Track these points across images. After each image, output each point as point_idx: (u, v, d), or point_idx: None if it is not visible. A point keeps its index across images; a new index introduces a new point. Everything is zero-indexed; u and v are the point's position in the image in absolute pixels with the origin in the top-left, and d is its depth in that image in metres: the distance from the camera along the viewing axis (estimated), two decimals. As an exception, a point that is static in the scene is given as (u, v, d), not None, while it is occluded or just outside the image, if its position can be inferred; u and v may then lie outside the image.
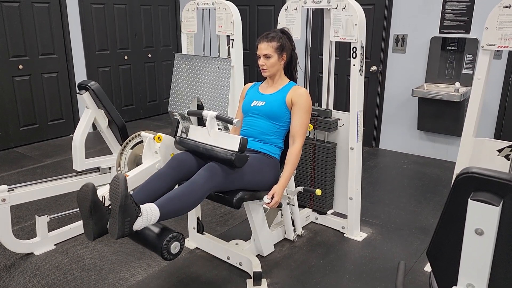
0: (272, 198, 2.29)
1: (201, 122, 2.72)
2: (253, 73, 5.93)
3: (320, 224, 3.19)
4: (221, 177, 2.10)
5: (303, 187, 2.66)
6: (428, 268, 2.64)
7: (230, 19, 2.83)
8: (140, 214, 1.81)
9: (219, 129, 2.62)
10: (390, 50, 4.69)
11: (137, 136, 2.81)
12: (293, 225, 2.96)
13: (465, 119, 2.31)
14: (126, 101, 6.07)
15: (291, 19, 2.86)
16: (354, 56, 2.68)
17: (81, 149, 3.04)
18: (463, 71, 4.26)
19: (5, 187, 2.60)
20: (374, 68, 4.81)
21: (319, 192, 2.55)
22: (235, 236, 3.00)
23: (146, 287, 2.47)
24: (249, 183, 2.26)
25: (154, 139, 2.62)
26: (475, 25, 4.13)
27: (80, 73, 5.44)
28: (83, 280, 2.53)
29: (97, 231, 1.85)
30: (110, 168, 3.23)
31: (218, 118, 2.27)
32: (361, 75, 2.74)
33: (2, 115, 4.80)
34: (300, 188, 2.65)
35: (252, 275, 2.44)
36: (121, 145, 2.89)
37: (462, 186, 1.13)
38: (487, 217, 1.09)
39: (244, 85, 2.71)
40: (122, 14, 5.77)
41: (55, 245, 2.89)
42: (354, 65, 2.70)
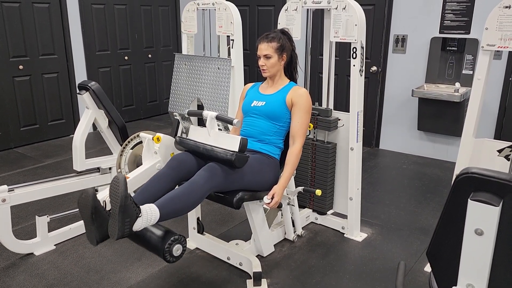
0: (272, 198, 2.29)
1: (201, 123, 2.72)
2: (253, 73, 5.93)
3: (320, 224, 3.19)
4: (221, 177, 2.10)
5: (303, 187, 2.66)
6: (428, 268, 2.64)
7: (230, 20, 2.84)
8: (140, 215, 1.81)
9: (219, 129, 2.62)
10: (390, 50, 4.69)
11: (136, 137, 2.81)
12: (293, 225, 2.96)
13: (465, 119, 2.31)
14: (126, 101, 6.07)
15: (291, 19, 2.86)
16: (354, 56, 2.68)
17: (81, 149, 3.05)
18: (463, 71, 4.26)
19: (5, 187, 2.60)
20: (374, 68, 4.81)
21: (319, 192, 2.55)
22: (235, 236, 3.00)
23: (146, 287, 2.47)
24: (249, 183, 2.26)
25: (153, 139, 2.61)
26: (475, 26, 4.13)
27: (80, 74, 5.45)
28: (83, 280, 2.53)
29: (100, 235, 1.86)
30: (110, 169, 3.23)
31: (218, 118, 2.27)
32: (361, 75, 2.74)
33: (3, 115, 4.81)
34: (300, 188, 2.66)
35: (252, 275, 2.44)
36: (121, 145, 2.89)
37: (462, 186, 1.13)
38: (487, 217, 1.09)
39: (244, 85, 2.72)
40: (123, 14, 5.78)
41: (55, 245, 2.89)
42: (354, 65, 2.70)
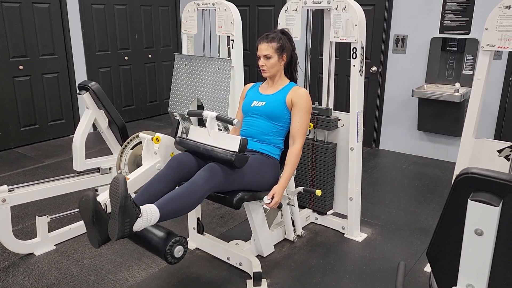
0: (272, 198, 2.29)
1: (201, 123, 2.72)
2: (253, 73, 5.93)
3: (320, 224, 3.19)
4: (221, 177, 2.10)
5: (303, 187, 2.66)
6: (428, 268, 2.64)
7: (230, 20, 2.84)
8: (140, 215, 1.81)
9: (219, 129, 2.62)
10: (390, 50, 4.69)
11: (135, 137, 2.80)
12: (293, 226, 2.96)
13: (465, 119, 2.31)
14: (126, 101, 6.07)
15: (291, 19, 2.86)
16: (354, 56, 2.68)
17: (81, 150, 3.05)
18: (463, 71, 4.26)
19: (5, 187, 2.60)
20: (374, 68, 4.81)
21: (319, 192, 2.55)
22: (235, 236, 3.00)
23: (146, 287, 2.47)
24: (249, 183, 2.26)
25: (152, 140, 2.60)
26: (475, 26, 4.13)
27: (81, 74, 5.45)
28: (83, 280, 2.53)
29: (102, 238, 1.87)
30: (110, 169, 3.23)
31: (218, 118, 2.27)
32: (361, 75, 2.74)
33: (3, 115, 4.81)
34: (300, 189, 2.65)
35: (252, 276, 2.44)
36: (121, 146, 2.89)
37: (462, 186, 1.13)
38: (486, 217, 1.09)
39: (244, 85, 2.72)
40: (123, 14, 5.78)
41: (55, 245, 2.89)
42: (354, 65, 2.70)
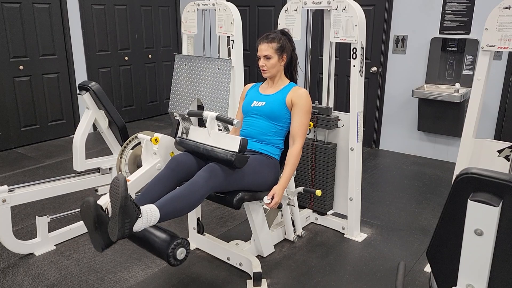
0: (272, 198, 2.29)
1: (202, 123, 2.72)
2: (253, 73, 5.93)
3: (320, 224, 3.19)
4: (221, 177, 2.10)
5: (303, 187, 2.66)
6: (428, 268, 2.64)
7: (231, 20, 2.84)
8: (140, 215, 1.81)
9: (219, 129, 2.62)
10: (390, 51, 4.69)
11: (134, 138, 2.79)
12: (293, 226, 2.96)
13: (465, 119, 2.31)
14: (126, 101, 6.07)
15: (291, 20, 2.86)
16: (354, 57, 2.68)
17: (81, 150, 3.05)
18: (463, 72, 4.26)
19: (5, 187, 2.60)
20: (374, 69, 4.81)
21: (319, 192, 2.55)
22: (235, 236, 3.00)
23: (146, 287, 2.47)
24: (249, 183, 2.26)
25: (151, 141, 2.59)
26: (475, 26, 4.13)
27: (81, 74, 5.45)
28: (84, 280, 2.53)
29: (105, 242, 1.88)
30: (110, 169, 3.23)
31: (218, 118, 2.27)
32: (361, 76, 2.74)
33: (3, 115, 4.81)
34: (300, 189, 2.66)
35: (252, 276, 2.44)
36: (121, 146, 2.89)
37: (462, 186, 1.13)
38: (486, 217, 1.09)
39: (244, 85, 2.72)
40: (123, 14, 5.78)
41: (55, 245, 2.89)
42: (354, 66, 2.70)
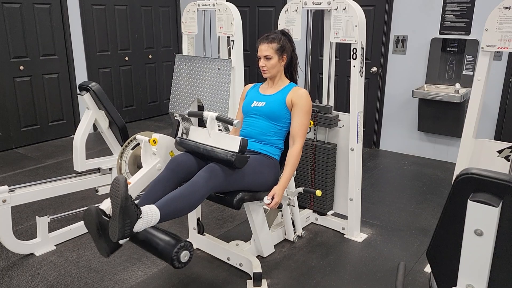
0: (272, 199, 2.29)
1: (202, 123, 2.72)
2: (253, 74, 5.93)
3: (320, 225, 3.19)
4: (221, 178, 2.10)
5: (303, 188, 2.66)
6: (428, 269, 2.64)
7: (231, 20, 2.84)
8: (140, 216, 1.81)
9: (219, 130, 2.62)
10: (391, 51, 4.69)
11: (133, 140, 2.78)
12: (293, 226, 2.96)
13: (465, 120, 2.31)
14: (126, 102, 6.07)
15: (292, 20, 2.86)
16: (354, 57, 2.68)
17: (81, 150, 3.05)
18: (463, 72, 4.26)
19: (6, 187, 2.60)
20: (374, 69, 4.81)
21: (319, 193, 2.55)
22: (235, 237, 3.00)
23: (146, 287, 2.48)
24: (249, 184, 2.26)
25: (149, 142, 2.58)
26: (475, 26, 4.13)
27: (81, 74, 5.45)
28: (84, 280, 2.54)
29: (110, 248, 1.90)
30: (110, 169, 3.23)
31: (218, 119, 2.27)
32: (361, 76, 2.74)
33: (3, 116, 4.81)
34: (300, 189, 2.66)
35: (252, 276, 2.44)
36: (121, 146, 2.88)
37: (462, 187, 1.13)
38: (486, 218, 1.09)
39: (245, 86, 2.72)
40: (123, 15, 5.78)
41: (55, 245, 2.89)
42: (354, 66, 2.70)
